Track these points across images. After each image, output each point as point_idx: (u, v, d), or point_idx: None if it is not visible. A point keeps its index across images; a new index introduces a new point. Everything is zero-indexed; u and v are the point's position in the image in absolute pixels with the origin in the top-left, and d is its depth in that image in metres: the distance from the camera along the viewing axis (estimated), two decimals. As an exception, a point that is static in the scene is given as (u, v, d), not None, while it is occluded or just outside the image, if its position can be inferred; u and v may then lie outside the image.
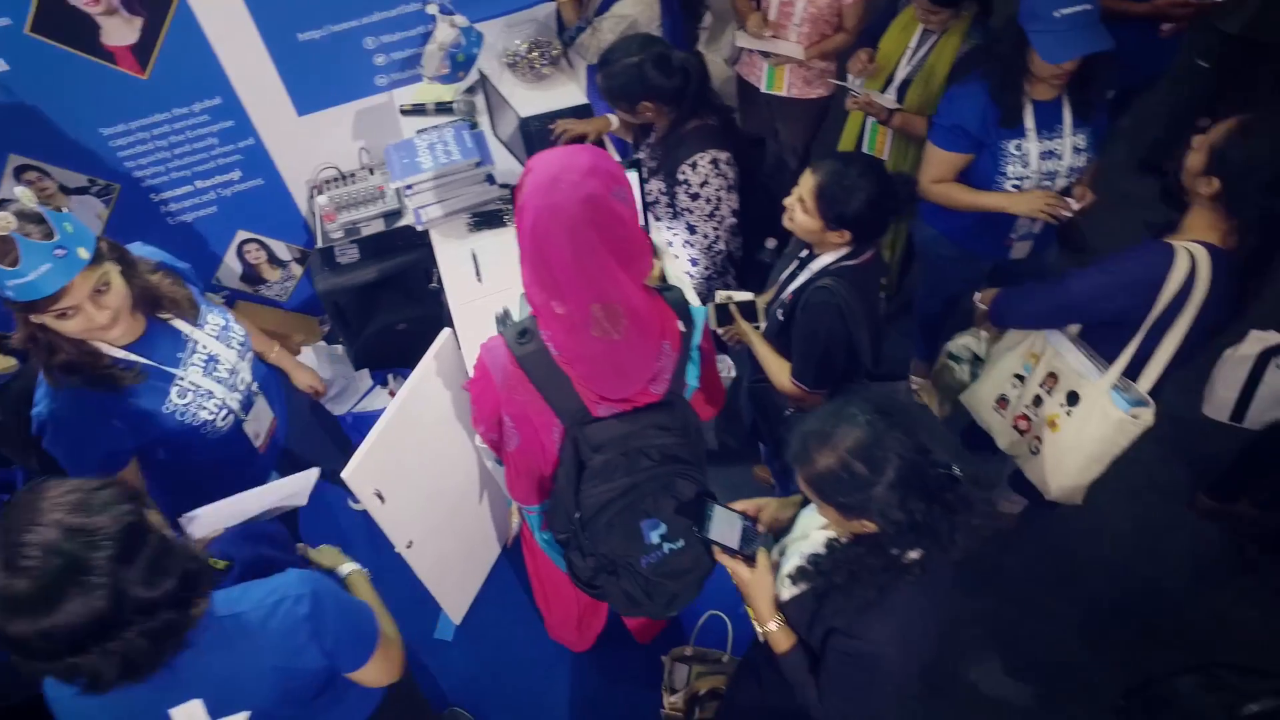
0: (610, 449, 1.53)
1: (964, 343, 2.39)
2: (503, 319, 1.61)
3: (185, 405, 1.72)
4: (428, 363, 2.02)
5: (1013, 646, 2.57)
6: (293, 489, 1.66)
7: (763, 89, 2.98)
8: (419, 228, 2.28)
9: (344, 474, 1.82)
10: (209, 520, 1.53)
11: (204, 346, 1.77)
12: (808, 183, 1.82)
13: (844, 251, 1.89)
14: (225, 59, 2.46)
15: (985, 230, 2.42)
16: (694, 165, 2.15)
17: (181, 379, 1.71)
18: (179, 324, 1.73)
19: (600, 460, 1.53)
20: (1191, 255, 1.82)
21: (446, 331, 2.04)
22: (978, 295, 2.28)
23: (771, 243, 2.39)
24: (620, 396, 1.52)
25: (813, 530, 1.54)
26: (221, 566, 1.43)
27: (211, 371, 1.77)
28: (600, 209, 1.35)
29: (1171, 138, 3.65)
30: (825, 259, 1.91)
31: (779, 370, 2.03)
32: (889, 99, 2.58)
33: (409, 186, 2.15)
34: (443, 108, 2.55)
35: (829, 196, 1.79)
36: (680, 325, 1.57)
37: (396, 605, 1.64)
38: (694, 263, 2.34)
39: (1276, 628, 2.57)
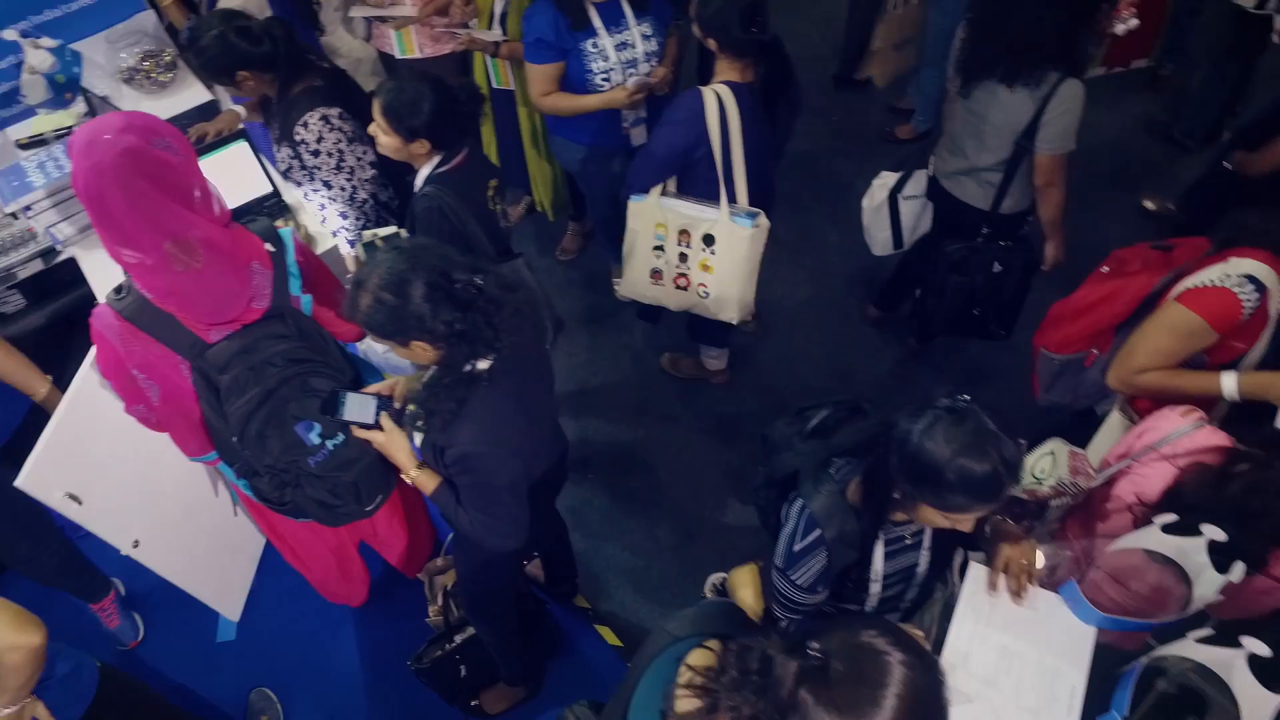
0: (235, 365, 1.74)
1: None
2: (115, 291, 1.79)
3: None
4: (91, 358, 2.13)
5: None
6: None
7: (399, 56, 3.24)
8: (59, 250, 2.38)
9: (18, 481, 1.93)
10: None
11: None
12: (375, 108, 2.10)
13: (435, 160, 2.19)
14: None
15: (601, 127, 2.79)
16: (305, 125, 2.37)
17: None
18: None
19: (229, 378, 1.74)
20: (717, 93, 2.26)
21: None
22: None
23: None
24: (225, 319, 1.73)
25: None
26: None
27: None
28: (143, 158, 1.57)
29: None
30: (423, 172, 2.20)
31: None
32: (492, 33, 2.91)
33: (27, 209, 2.26)
34: (65, 134, 2.64)
35: (395, 113, 2.07)
36: (270, 247, 1.81)
37: (166, 617, 1.75)
38: (344, 216, 2.57)
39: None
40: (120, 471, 2.23)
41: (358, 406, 1.81)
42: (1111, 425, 2.02)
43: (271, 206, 2.49)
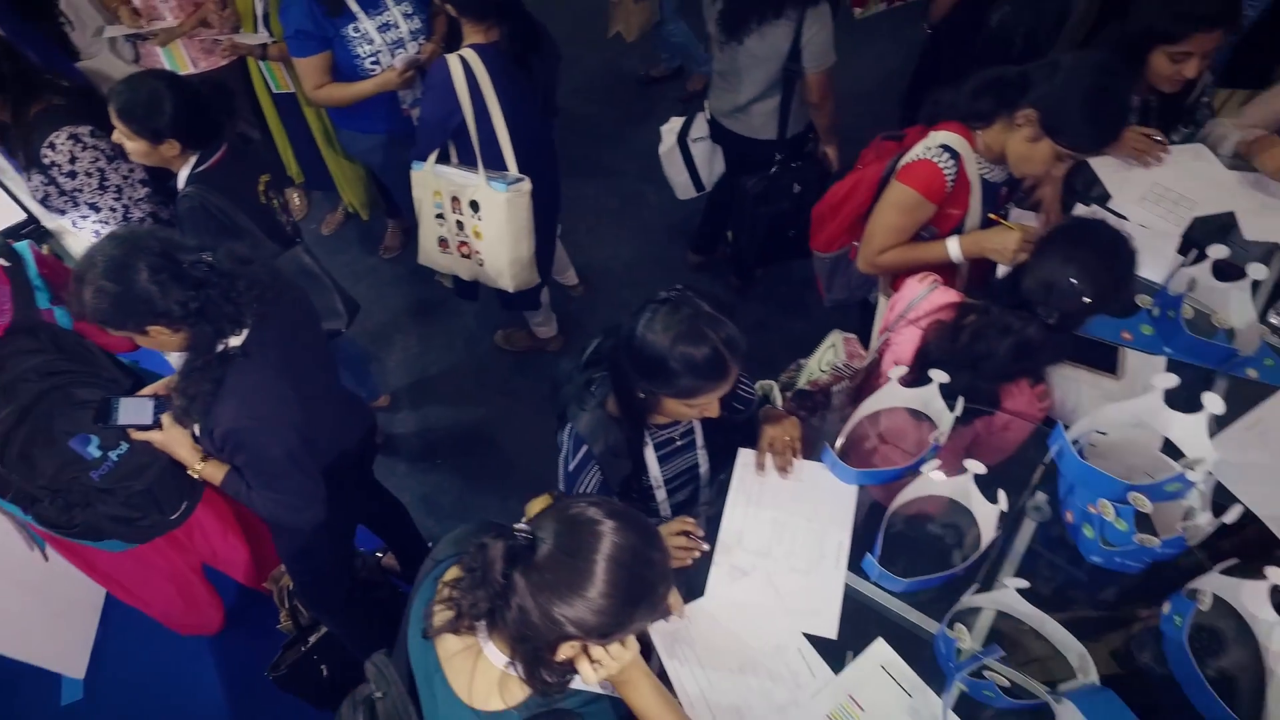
0: (-19, 389, 1.69)
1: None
2: None
3: None
4: None
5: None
6: None
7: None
8: None
9: None
10: None
11: None
12: (111, 113, 2.05)
13: (192, 160, 2.15)
14: None
15: (383, 113, 2.80)
16: (53, 146, 2.28)
17: None
18: None
19: (-22, 402, 1.69)
20: (462, 58, 2.31)
21: None
22: None
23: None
24: (-38, 338, 1.68)
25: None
26: None
27: None
28: None
29: None
30: (182, 174, 2.16)
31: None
32: (257, 36, 2.87)
33: None
34: None
35: (134, 116, 2.03)
36: (3, 262, 1.75)
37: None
38: (118, 235, 2.49)
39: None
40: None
41: (133, 410, 1.78)
42: (881, 308, 2.19)
43: (31, 234, 2.39)
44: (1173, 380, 1.44)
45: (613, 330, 1.84)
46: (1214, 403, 1.42)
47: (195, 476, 1.82)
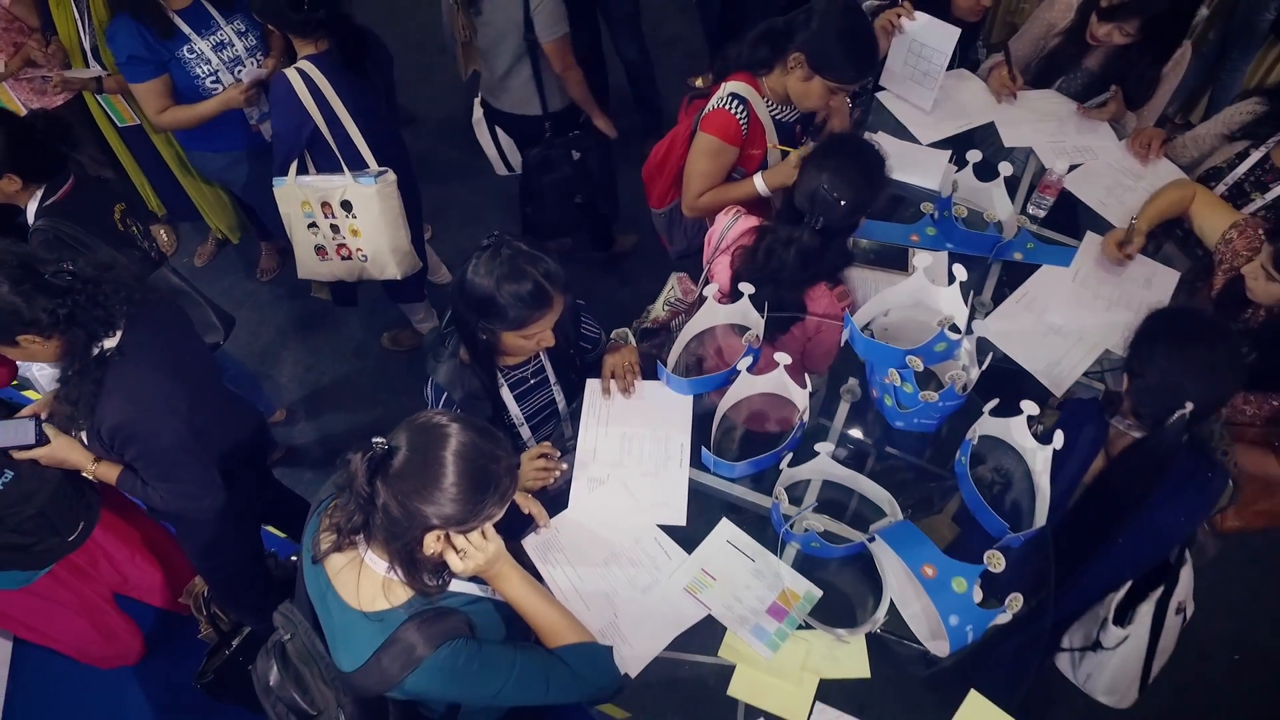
0: None
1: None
2: None
3: None
4: None
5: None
6: None
7: (8, 118, 3.17)
8: None
9: None
10: None
11: None
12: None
13: (39, 194, 2.23)
14: None
15: (230, 130, 2.90)
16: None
17: None
18: None
19: None
20: (300, 70, 2.45)
21: None
22: None
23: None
24: None
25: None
26: None
27: None
28: None
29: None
30: (30, 208, 2.23)
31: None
32: (89, 70, 2.93)
33: None
34: None
35: None
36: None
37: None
38: None
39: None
40: None
41: (12, 432, 1.86)
42: (711, 250, 2.43)
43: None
44: (928, 259, 1.72)
45: None
46: (961, 272, 1.71)
47: (90, 478, 1.92)
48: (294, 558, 2.89)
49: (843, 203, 1.76)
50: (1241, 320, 1.92)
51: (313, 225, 2.75)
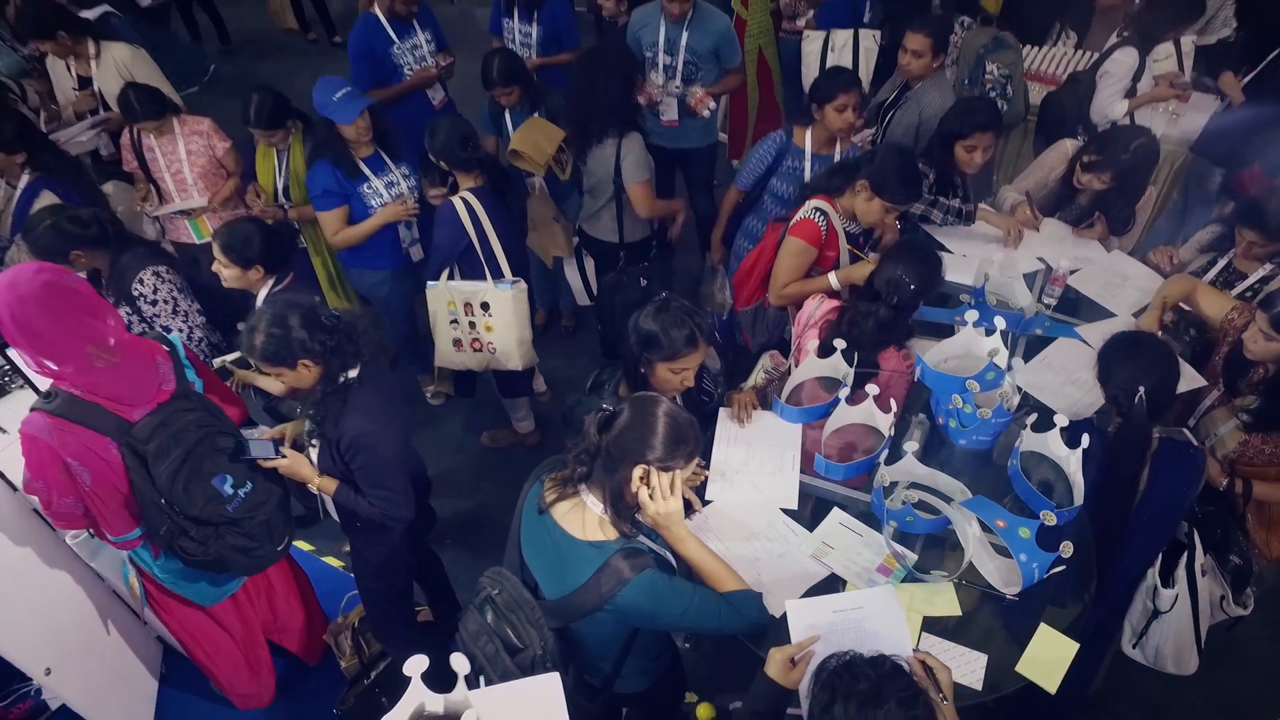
0: (157, 435, 2.30)
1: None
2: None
3: None
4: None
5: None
6: None
7: (198, 242, 3.93)
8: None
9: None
10: None
11: None
12: (215, 247, 2.81)
13: (269, 283, 2.91)
14: None
15: (381, 251, 3.65)
16: (141, 281, 2.99)
17: None
18: None
19: (154, 446, 2.29)
20: (464, 199, 3.21)
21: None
22: None
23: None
24: (144, 400, 2.31)
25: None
26: None
27: None
28: (58, 287, 2.17)
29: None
30: (261, 294, 2.90)
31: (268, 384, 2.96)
32: (278, 204, 3.73)
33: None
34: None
35: (233, 249, 2.79)
36: (165, 346, 2.43)
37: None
38: (191, 351, 3.16)
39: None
40: (28, 601, 2.57)
41: (260, 448, 2.42)
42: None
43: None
44: (975, 314, 2.38)
45: (607, 365, 2.62)
46: (1000, 323, 2.36)
47: (313, 489, 2.44)
48: (417, 609, 3.30)
49: (912, 286, 2.45)
50: (1248, 379, 2.52)
51: (454, 321, 3.42)
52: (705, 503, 2.29)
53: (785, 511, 2.27)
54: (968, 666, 1.95)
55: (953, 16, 4.54)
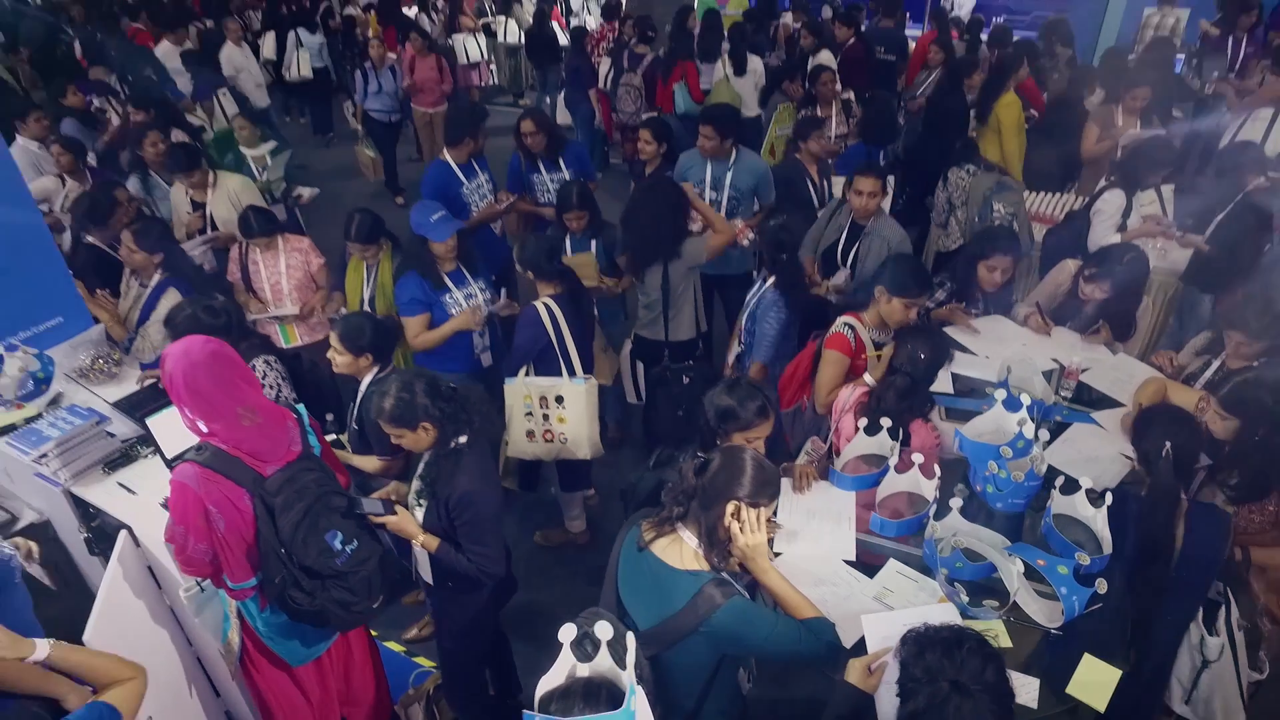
0: (285, 490, 2.62)
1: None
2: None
3: None
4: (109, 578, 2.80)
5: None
6: None
7: (284, 345, 4.37)
8: (57, 488, 3.05)
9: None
10: None
11: None
12: (333, 336, 3.23)
13: (375, 370, 3.31)
14: None
15: (457, 354, 4.07)
16: (254, 366, 3.40)
17: None
18: None
19: (281, 499, 2.61)
20: (545, 304, 3.67)
21: (122, 534, 2.86)
22: None
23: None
24: (277, 458, 2.65)
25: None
26: None
27: None
28: (221, 355, 2.57)
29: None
30: (366, 379, 3.30)
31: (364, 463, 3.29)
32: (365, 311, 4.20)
33: (42, 455, 3.00)
34: (35, 419, 3.35)
35: (348, 338, 3.21)
36: (293, 414, 2.79)
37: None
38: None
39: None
40: (129, 654, 2.78)
41: (371, 505, 2.73)
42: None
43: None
44: (1003, 393, 2.75)
45: (662, 454, 2.95)
46: (1026, 398, 2.74)
47: (418, 545, 2.73)
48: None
49: (923, 355, 2.87)
50: (1224, 454, 2.87)
51: (529, 414, 3.80)
52: (775, 554, 2.58)
53: (846, 563, 2.56)
54: (1023, 689, 2.19)
55: (958, 163, 5.20)
